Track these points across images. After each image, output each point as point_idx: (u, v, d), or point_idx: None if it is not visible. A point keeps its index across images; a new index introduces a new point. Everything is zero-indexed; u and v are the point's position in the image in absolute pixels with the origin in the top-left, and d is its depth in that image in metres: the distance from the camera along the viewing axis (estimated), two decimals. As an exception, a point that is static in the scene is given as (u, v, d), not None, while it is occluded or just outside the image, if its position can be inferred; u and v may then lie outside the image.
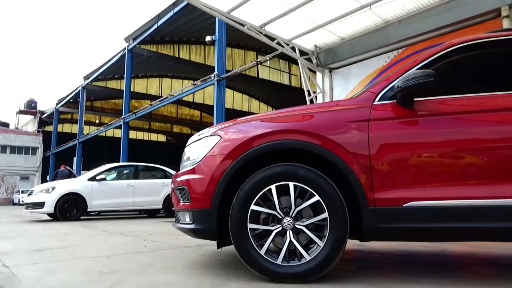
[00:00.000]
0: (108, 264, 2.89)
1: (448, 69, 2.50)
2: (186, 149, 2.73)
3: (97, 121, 33.94)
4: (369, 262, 2.96)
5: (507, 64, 2.85)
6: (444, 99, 2.29)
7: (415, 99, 2.26)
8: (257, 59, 18.70)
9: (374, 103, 2.34)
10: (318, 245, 2.18)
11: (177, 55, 23.78)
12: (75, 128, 32.51)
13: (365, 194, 2.16)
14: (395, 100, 2.29)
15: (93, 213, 10.81)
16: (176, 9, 16.80)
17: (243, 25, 7.57)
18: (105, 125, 27.38)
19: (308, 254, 2.17)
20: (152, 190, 9.76)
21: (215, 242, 2.46)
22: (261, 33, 7.78)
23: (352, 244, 3.91)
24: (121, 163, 12.93)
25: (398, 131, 2.25)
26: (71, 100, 30.42)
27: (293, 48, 8.49)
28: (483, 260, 3.11)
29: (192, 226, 2.41)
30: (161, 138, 41.13)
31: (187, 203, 2.46)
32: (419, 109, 2.26)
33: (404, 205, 2.13)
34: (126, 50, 20.82)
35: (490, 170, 2.12)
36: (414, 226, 2.15)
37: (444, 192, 2.11)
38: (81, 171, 22.91)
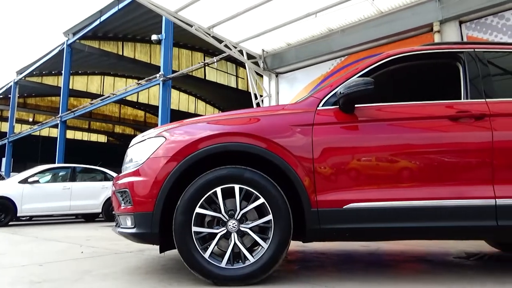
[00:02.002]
0: (40, 272, 2.69)
1: (386, 77, 2.66)
2: (129, 151, 2.64)
3: (31, 119, 31.63)
4: (311, 263, 3.05)
5: (438, 74, 3.10)
6: (382, 106, 2.43)
7: (356, 105, 2.37)
8: (204, 60, 18.54)
9: (318, 108, 2.42)
10: (263, 247, 2.20)
11: (121, 53, 22.87)
12: (4, 126, 30.01)
13: (308, 196, 2.23)
14: (338, 106, 2.39)
15: (23, 218, 10.04)
16: (121, 5, 16.16)
17: (191, 26, 7.47)
18: (39, 124, 25.60)
19: (253, 256, 2.19)
20: (91, 193, 9.28)
21: (157, 247, 2.39)
22: (209, 34, 7.73)
23: (295, 245, 4.00)
24: (56, 165, 12.18)
25: (339, 136, 2.35)
26: (1, 96, 28.10)
27: (240, 52, 8.53)
28: (413, 258, 3.33)
29: (133, 230, 2.33)
30: (102, 138, 39.31)
31: (128, 207, 2.37)
32: (360, 115, 2.37)
33: (344, 207, 2.22)
34: (65, 45, 19.62)
35: (423, 174, 2.28)
36: (353, 227, 2.25)
37: (381, 194, 2.24)
38: (11, 173, 21.21)
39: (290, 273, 2.60)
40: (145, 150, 2.43)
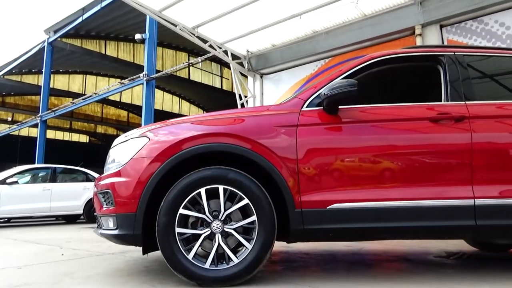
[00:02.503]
0: (19, 276, 2.63)
1: (370, 79, 2.69)
2: (111, 151, 2.60)
3: (9, 119, 30.82)
4: (295, 263, 3.06)
5: (419, 77, 3.16)
6: (365, 107, 2.46)
7: (339, 106, 2.40)
8: (188, 60, 18.41)
9: (302, 109, 2.43)
10: (247, 247, 2.20)
11: (103, 52, 22.51)
12: (-18, 126, 29.21)
13: (292, 197, 2.24)
14: (322, 107, 2.41)
15: (1, 220, 9.79)
16: (104, 3, 15.91)
17: (175, 25, 7.42)
18: (19, 123, 25.00)
19: (237, 257, 2.19)
20: (72, 194, 9.11)
21: (140, 248, 2.37)
22: (194, 34, 7.69)
23: (279, 245, 4.01)
24: (36, 165, 11.91)
25: (323, 137, 2.37)
26: (-21, 95, 27.32)
27: (225, 52, 8.51)
28: (394, 257, 3.38)
29: (116, 231, 2.30)
30: (84, 138, 38.59)
31: (111, 208, 2.34)
32: (343, 116, 2.40)
33: (328, 207, 2.24)
34: (46, 43, 19.21)
35: (404, 174, 2.32)
36: (336, 227, 2.27)
37: (364, 194, 2.27)
38: (-11, 174, 20.62)
39: (274, 273, 2.60)
40: (128, 151, 2.40)
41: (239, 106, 8.79)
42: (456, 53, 2.65)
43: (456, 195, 2.28)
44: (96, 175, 9.43)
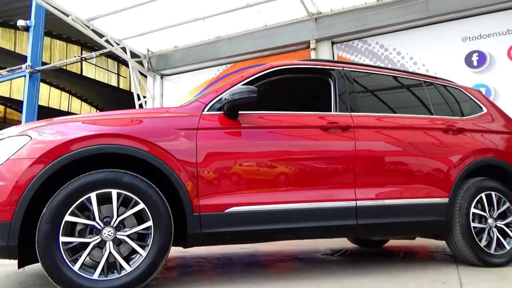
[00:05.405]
0: None
1: (269, 87, 2.81)
2: (-18, 150, 2.25)
3: None
4: (191, 268, 3.03)
5: (313, 87, 3.40)
6: (263, 114, 2.56)
7: (239, 112, 2.45)
8: (81, 54, 17.05)
9: (203, 112, 2.43)
10: (141, 254, 2.10)
11: (-24, 36, 19.58)
12: None
13: (191, 201, 2.21)
14: (222, 112, 2.44)
15: None
16: (-22, -19, 13.88)
17: (67, 15, 6.80)
18: None
19: (129, 265, 2.07)
20: None
21: (15, 262, 2.09)
22: (89, 27, 7.14)
23: (175, 250, 3.92)
24: None
25: (223, 141, 2.40)
26: None
27: (123, 49, 8.07)
28: (287, 257, 3.57)
29: (-16, 243, 1.99)
30: None
31: (-22, 216, 2.02)
32: (243, 121, 2.46)
33: (225, 211, 2.27)
34: None
35: (298, 178, 2.47)
36: (234, 230, 2.31)
37: (260, 198, 2.36)
38: None
39: (169, 280, 2.53)
40: (4, 150, 2.10)
41: (137, 106, 8.42)
42: (344, 69, 2.93)
43: (342, 197, 2.52)
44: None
